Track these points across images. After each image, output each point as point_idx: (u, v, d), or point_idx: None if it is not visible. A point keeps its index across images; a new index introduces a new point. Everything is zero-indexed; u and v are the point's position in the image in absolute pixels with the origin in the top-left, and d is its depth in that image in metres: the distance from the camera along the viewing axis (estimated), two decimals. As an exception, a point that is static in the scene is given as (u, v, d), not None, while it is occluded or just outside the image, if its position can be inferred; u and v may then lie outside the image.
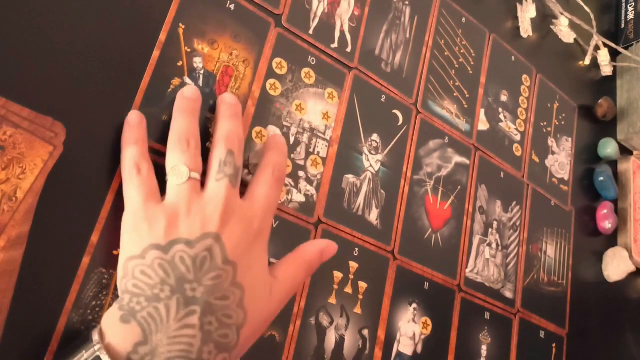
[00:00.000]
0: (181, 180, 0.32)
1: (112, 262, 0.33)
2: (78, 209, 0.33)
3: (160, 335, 0.25)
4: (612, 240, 0.69)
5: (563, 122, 0.67)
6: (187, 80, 0.39)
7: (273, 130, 0.42)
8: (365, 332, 0.43)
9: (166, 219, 0.30)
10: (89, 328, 0.31)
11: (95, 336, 0.26)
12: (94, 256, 0.33)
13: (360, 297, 0.44)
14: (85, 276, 0.32)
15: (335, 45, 0.48)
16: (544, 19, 0.69)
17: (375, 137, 0.48)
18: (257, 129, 0.41)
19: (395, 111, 0.50)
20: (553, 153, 0.64)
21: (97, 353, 0.25)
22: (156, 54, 0.38)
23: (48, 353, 0.30)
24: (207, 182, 0.33)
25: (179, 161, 0.33)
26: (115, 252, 0.33)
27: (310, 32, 0.46)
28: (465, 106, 0.56)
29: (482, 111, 0.58)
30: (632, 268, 0.66)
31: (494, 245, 0.54)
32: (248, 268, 0.31)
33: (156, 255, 0.29)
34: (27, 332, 0.30)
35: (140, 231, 0.30)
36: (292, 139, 0.43)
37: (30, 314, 0.30)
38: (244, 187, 0.37)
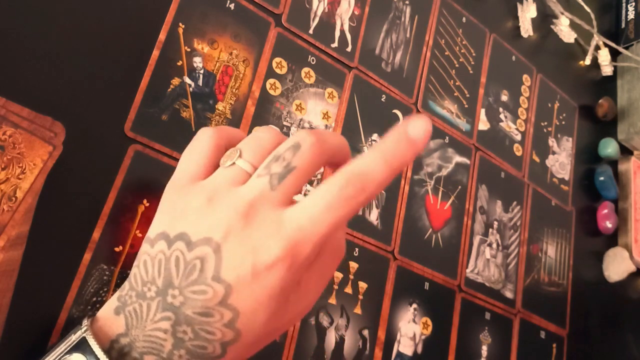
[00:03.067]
0: (226, 162, 0.28)
1: (113, 258, 0.33)
2: (78, 208, 0.33)
3: (137, 331, 0.26)
4: (612, 240, 0.69)
5: (563, 122, 0.67)
6: (187, 79, 0.39)
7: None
8: (366, 333, 0.43)
9: (191, 202, 0.27)
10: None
11: (85, 321, 0.26)
12: (95, 253, 0.33)
13: (361, 297, 0.44)
14: (87, 272, 0.32)
15: (335, 44, 0.47)
16: (544, 19, 0.69)
17: (375, 137, 0.48)
18: (257, 128, 0.41)
19: (395, 111, 0.50)
20: (553, 153, 0.64)
21: (84, 335, 0.26)
22: (156, 53, 0.38)
23: (48, 348, 0.30)
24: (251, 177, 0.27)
25: (240, 146, 0.28)
26: (116, 249, 0.33)
27: (310, 31, 0.46)
28: (466, 106, 0.56)
29: (483, 111, 0.58)
30: (632, 268, 0.66)
31: (494, 246, 0.54)
32: (250, 292, 0.25)
33: (161, 248, 0.26)
34: (27, 329, 0.30)
35: (171, 209, 0.27)
36: (292, 139, 0.43)
37: (30, 312, 0.30)
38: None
